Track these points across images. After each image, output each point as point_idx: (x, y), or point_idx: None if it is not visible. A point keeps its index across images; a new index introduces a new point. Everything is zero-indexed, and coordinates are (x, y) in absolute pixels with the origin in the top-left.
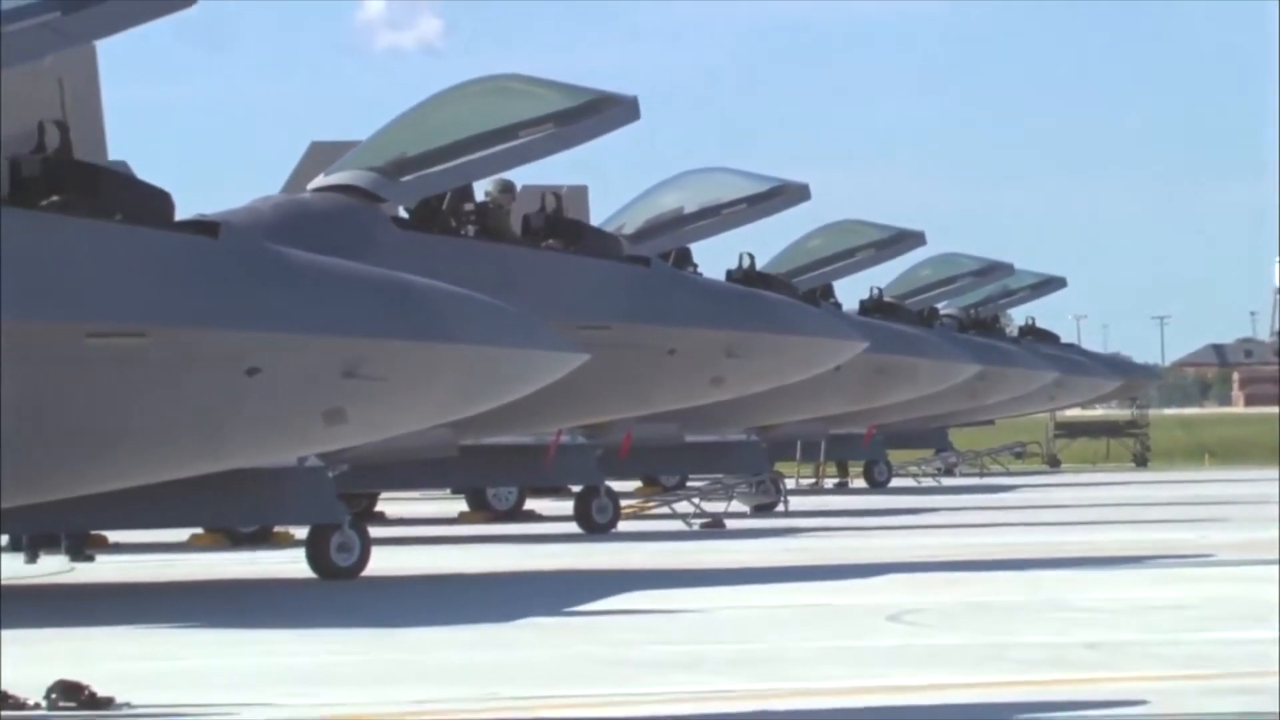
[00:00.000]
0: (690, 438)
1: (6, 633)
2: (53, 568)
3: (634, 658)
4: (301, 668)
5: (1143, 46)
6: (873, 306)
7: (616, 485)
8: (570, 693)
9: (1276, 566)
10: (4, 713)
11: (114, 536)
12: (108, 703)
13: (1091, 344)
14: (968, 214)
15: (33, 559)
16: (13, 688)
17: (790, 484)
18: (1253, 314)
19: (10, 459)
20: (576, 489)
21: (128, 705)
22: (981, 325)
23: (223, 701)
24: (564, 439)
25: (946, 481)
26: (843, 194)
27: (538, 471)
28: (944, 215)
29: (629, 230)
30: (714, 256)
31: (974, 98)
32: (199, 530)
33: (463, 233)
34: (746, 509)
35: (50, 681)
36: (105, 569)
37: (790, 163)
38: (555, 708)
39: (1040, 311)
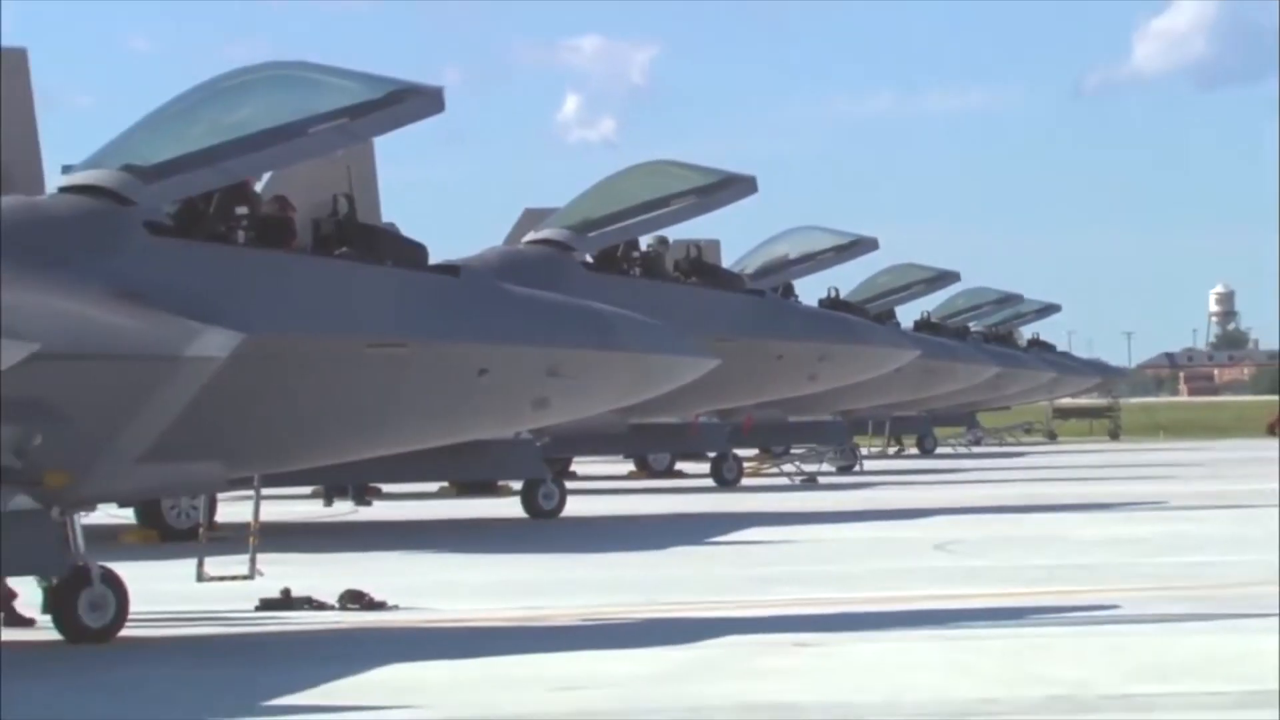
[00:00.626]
0: (792, 419)
1: (311, 555)
2: (342, 510)
3: (753, 575)
4: (517, 581)
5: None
6: (923, 325)
7: (740, 452)
8: (707, 599)
9: (1216, 509)
10: (311, 611)
11: (385, 488)
12: (381, 605)
13: (1079, 352)
14: (993, 256)
15: (329, 503)
16: (317, 594)
17: (864, 451)
18: (1194, 330)
19: (314, 434)
20: (712, 455)
21: (396, 607)
22: (1000, 339)
23: (462, 605)
24: (702, 419)
25: (975, 450)
26: (902, 241)
27: (684, 442)
28: (974, 256)
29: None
30: (808, 289)
31: (999, 184)
32: (446, 483)
33: (631, 273)
34: (833, 469)
35: (341, 590)
36: (379, 510)
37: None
38: (696, 609)
39: (1042, 329)
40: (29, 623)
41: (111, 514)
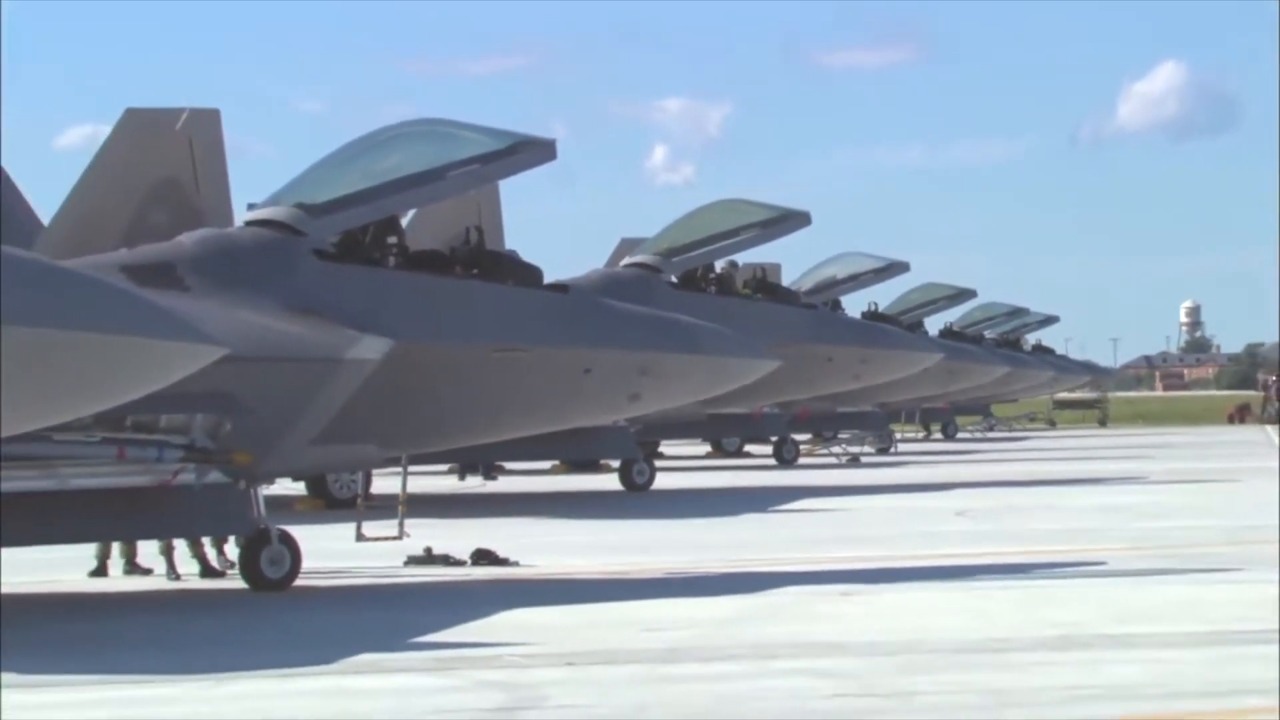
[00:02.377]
0: (840, 409)
1: (448, 521)
2: (473, 484)
3: (807, 537)
4: (614, 542)
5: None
6: (946, 333)
7: (797, 437)
8: (769, 556)
9: (1185, 483)
10: (448, 566)
11: (508, 465)
12: (505, 561)
13: (1074, 355)
14: (1004, 277)
15: (463, 478)
16: (453, 553)
17: (898, 436)
18: (1167, 337)
19: (450, 422)
20: (774, 439)
21: (517, 563)
22: (1010, 344)
23: (570, 562)
24: (766, 410)
25: (989, 435)
26: (929, 265)
27: (751, 428)
28: (988, 277)
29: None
30: (852, 304)
31: (1010, 218)
32: (557, 462)
33: (708, 290)
34: (873, 451)
35: (472, 549)
36: (503, 484)
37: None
38: (760, 564)
39: (1044, 336)
40: (221, 574)
41: (286, 486)
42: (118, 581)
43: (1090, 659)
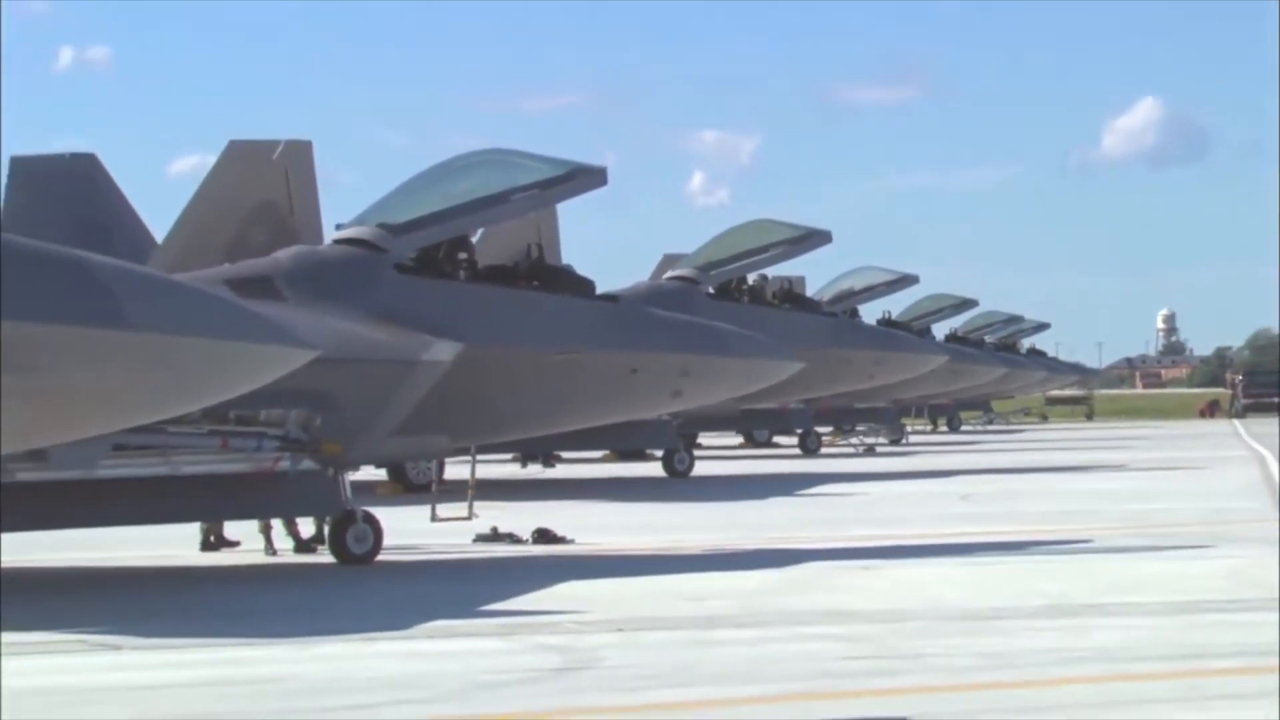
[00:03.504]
0: (858, 405)
1: (512, 503)
2: (534, 470)
3: (829, 517)
4: (658, 522)
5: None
6: (951, 338)
7: (819, 429)
8: (796, 534)
9: (1163, 470)
10: (512, 544)
11: (565, 454)
12: (562, 539)
13: (1064, 357)
14: (1002, 288)
15: (524, 465)
16: (516, 531)
17: (909, 429)
18: (1146, 341)
19: (513, 416)
20: (799, 431)
21: (572, 540)
22: (1007, 347)
23: (619, 539)
24: (792, 405)
25: (989, 428)
26: (936, 277)
27: (779, 422)
28: (988, 288)
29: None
30: (869, 312)
31: (1007, 236)
32: (608, 451)
33: (741, 300)
34: (887, 442)
35: (533, 529)
36: (560, 471)
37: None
38: (789, 542)
39: (1037, 341)
40: (313, 549)
41: (369, 473)
42: (222, 555)
43: (1077, 625)
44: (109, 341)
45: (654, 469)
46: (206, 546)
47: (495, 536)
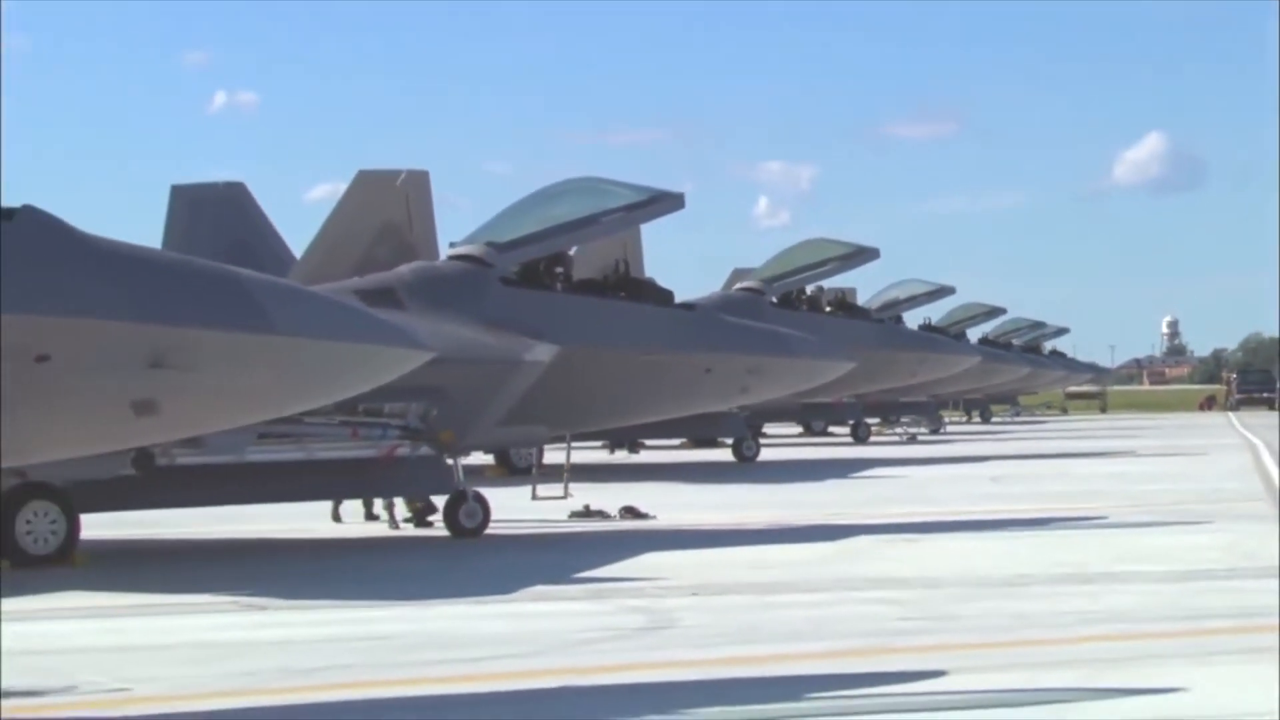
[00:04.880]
0: (902, 399)
1: (602, 484)
2: (621, 456)
3: (878, 496)
4: (728, 501)
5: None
6: (983, 341)
7: (869, 420)
8: (849, 511)
9: (1167, 455)
10: (601, 519)
11: (648, 442)
12: (645, 516)
13: (1081, 358)
14: (1027, 298)
15: (612, 451)
16: (606, 509)
17: (946, 420)
18: (1152, 344)
19: (603, 409)
20: (851, 422)
21: (654, 517)
22: (1032, 349)
23: (694, 516)
24: (844, 399)
25: (1016, 419)
26: (969, 289)
27: (833, 414)
28: (1015, 298)
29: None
30: (911, 319)
31: (1029, 253)
32: (685, 439)
33: (801, 309)
34: (927, 431)
35: (620, 506)
36: (644, 456)
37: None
38: (842, 518)
39: (1058, 344)
40: (430, 524)
41: (478, 458)
42: (352, 529)
43: (1093, 590)
44: (257, 345)
45: (725, 455)
46: (371, 518)
47: (587, 513)
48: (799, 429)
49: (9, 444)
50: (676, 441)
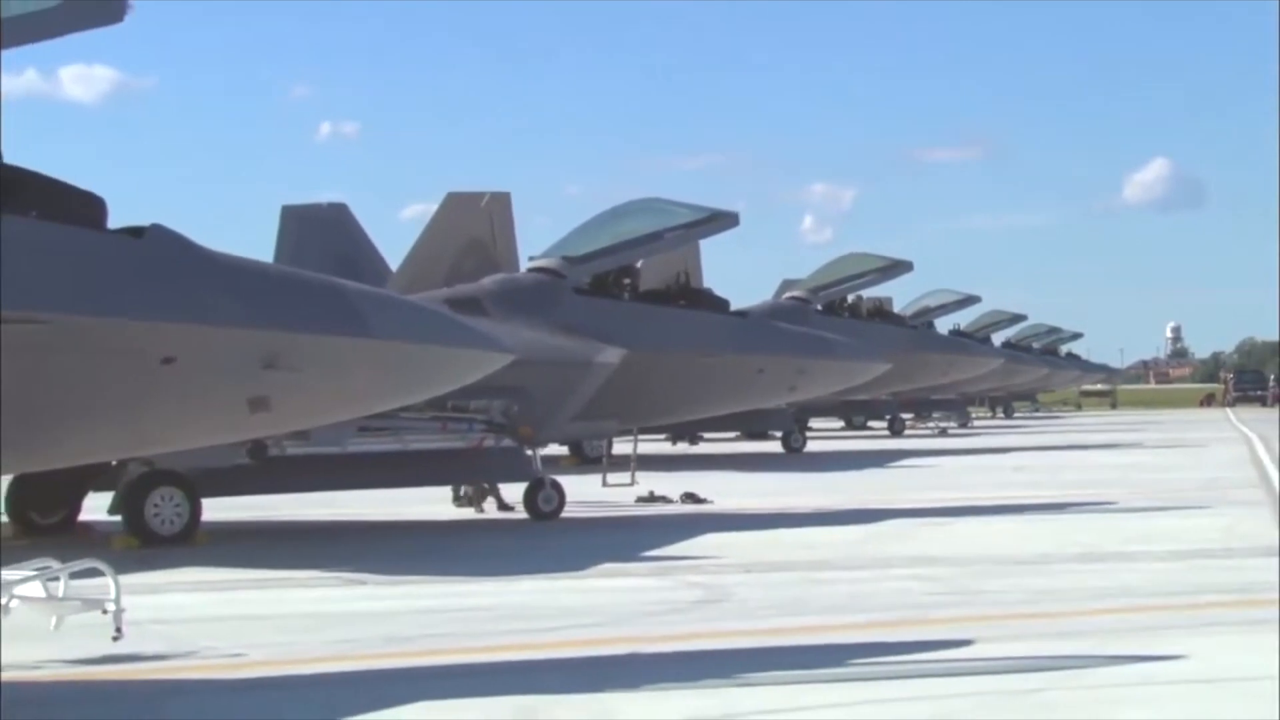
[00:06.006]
0: (934, 396)
1: (665, 472)
2: (682, 447)
3: (911, 483)
4: (777, 488)
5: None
6: (1006, 344)
7: (904, 415)
8: (885, 496)
9: (1172, 448)
10: (664, 504)
11: (706, 435)
12: (705, 501)
13: (1094, 359)
14: (1045, 306)
15: (674, 443)
16: (668, 494)
17: (973, 415)
18: (1157, 347)
19: (666, 405)
20: (887, 417)
21: (712, 502)
22: (1050, 352)
23: (747, 501)
24: (882, 397)
25: (1036, 414)
26: (993, 298)
27: (872, 409)
28: (1036, 306)
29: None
30: (942, 324)
31: (1047, 266)
32: (739, 432)
33: (843, 316)
34: (956, 425)
35: (681, 492)
36: (702, 448)
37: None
38: (879, 502)
39: (1073, 347)
40: (511, 509)
41: (554, 449)
42: (445, 512)
43: (1105, 568)
44: (358, 348)
45: (774, 446)
46: (467, 503)
47: (651, 498)
48: (841, 423)
49: (140, 436)
50: (731, 434)
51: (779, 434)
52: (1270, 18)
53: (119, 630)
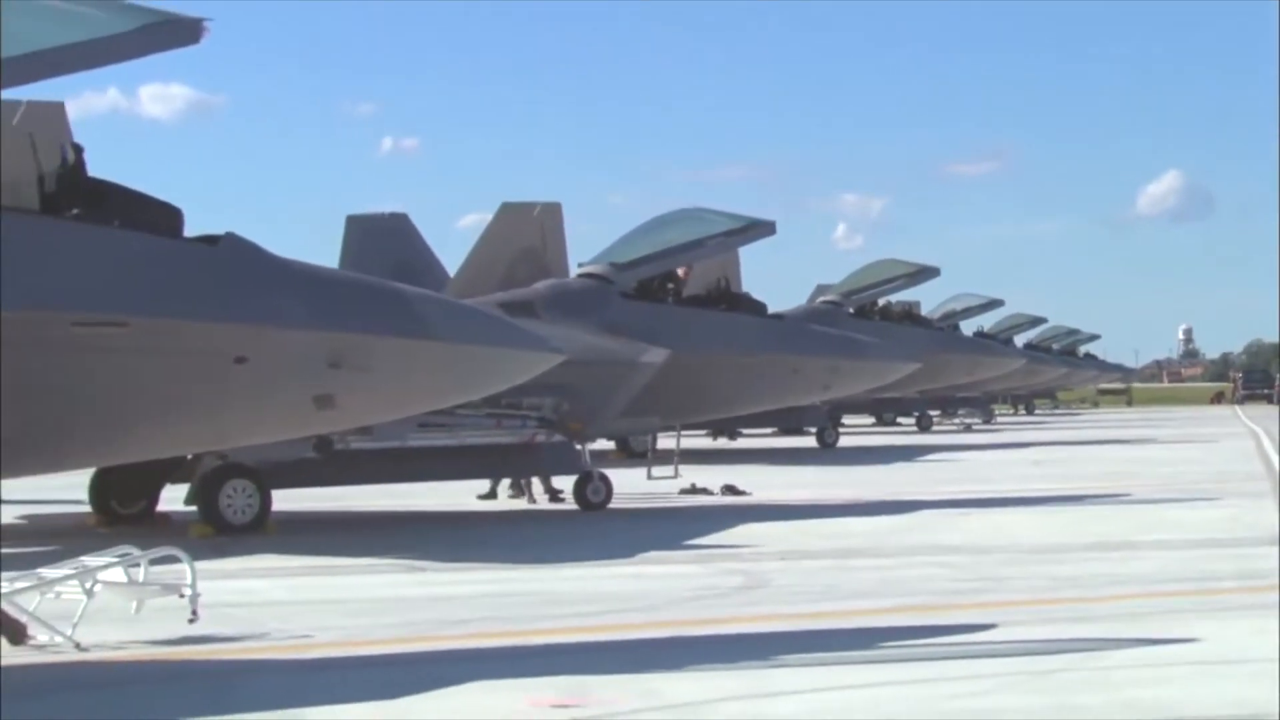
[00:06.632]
0: (959, 394)
1: (705, 466)
2: (722, 442)
3: (937, 477)
4: (812, 481)
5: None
6: (1028, 345)
7: (931, 412)
8: (914, 488)
9: (1184, 443)
10: (706, 495)
11: (744, 430)
12: (743, 493)
13: (1110, 359)
14: (1065, 309)
15: (714, 438)
16: (709, 487)
17: (996, 412)
18: (1170, 348)
19: (708, 403)
20: (916, 413)
21: (751, 494)
22: (1069, 352)
23: (784, 493)
24: (910, 394)
25: (1055, 411)
26: (1015, 301)
27: (901, 406)
28: (1055, 308)
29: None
30: (967, 326)
31: (1067, 272)
32: (775, 428)
33: (874, 319)
34: (980, 422)
35: (721, 484)
36: (741, 443)
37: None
38: (909, 495)
39: (1091, 348)
40: (561, 500)
41: (602, 444)
42: (496, 503)
43: (1121, 556)
44: (418, 349)
45: (809, 442)
46: (519, 493)
47: (693, 490)
48: (872, 419)
49: (215, 431)
50: (768, 430)
51: (813, 430)
52: (1270, 40)
53: (195, 613)
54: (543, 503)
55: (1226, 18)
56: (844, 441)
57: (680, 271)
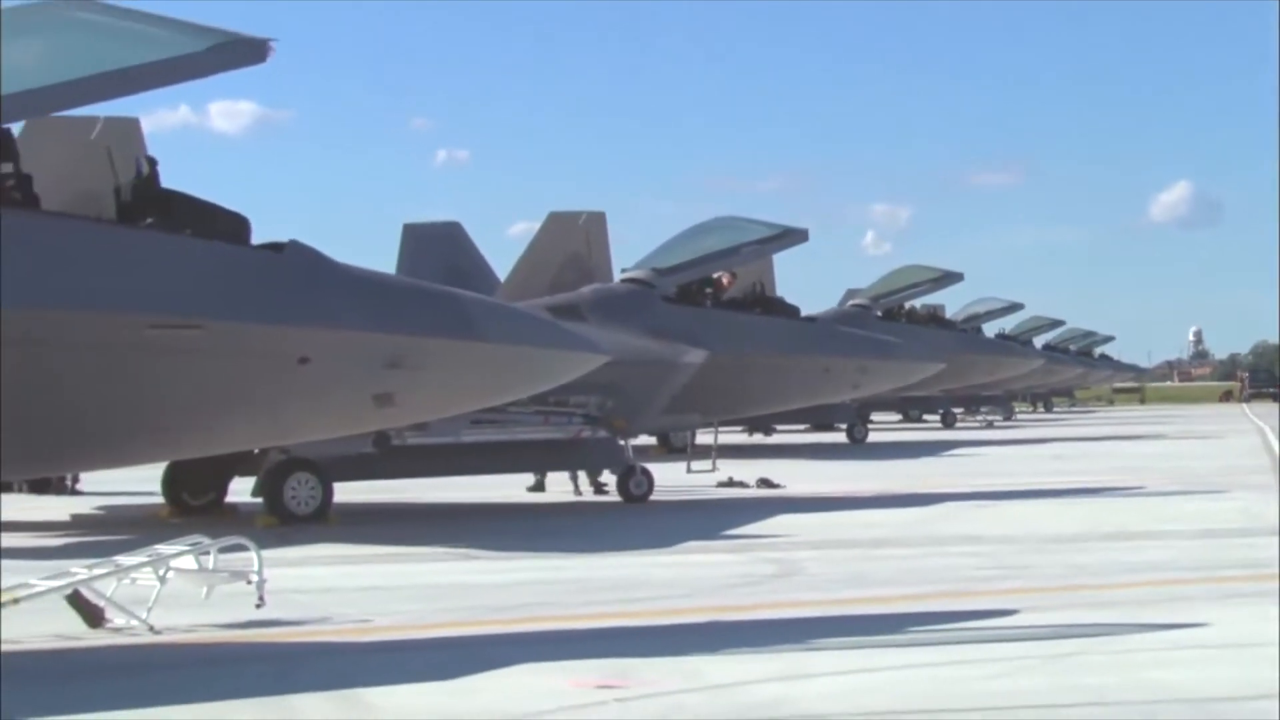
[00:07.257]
0: (982, 393)
1: (742, 460)
2: (757, 438)
3: (962, 471)
4: (841, 474)
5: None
6: (1046, 346)
7: (955, 409)
8: (939, 482)
9: (1194, 438)
10: (742, 488)
11: (778, 426)
12: (777, 485)
13: (1124, 360)
14: (1081, 312)
15: (750, 434)
16: (745, 480)
17: (1016, 409)
18: (1180, 349)
19: (744, 401)
20: (940, 411)
21: (783, 486)
22: (1085, 353)
23: (816, 486)
24: (936, 392)
25: (1072, 409)
26: (1036, 305)
27: (927, 404)
28: (1074, 312)
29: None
30: (989, 328)
31: (1085, 276)
32: (808, 425)
33: (901, 321)
34: (1001, 418)
35: (756, 477)
36: (775, 439)
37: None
38: (933, 488)
39: (1106, 349)
40: (606, 492)
41: (644, 440)
42: (544, 495)
43: (1135, 546)
44: (472, 350)
45: (839, 437)
46: (537, 489)
47: (730, 483)
48: (899, 416)
49: (280, 427)
50: (801, 426)
51: (844, 426)
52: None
53: (261, 599)
54: (588, 495)
55: (1235, 41)
56: (873, 437)
57: (724, 279)
